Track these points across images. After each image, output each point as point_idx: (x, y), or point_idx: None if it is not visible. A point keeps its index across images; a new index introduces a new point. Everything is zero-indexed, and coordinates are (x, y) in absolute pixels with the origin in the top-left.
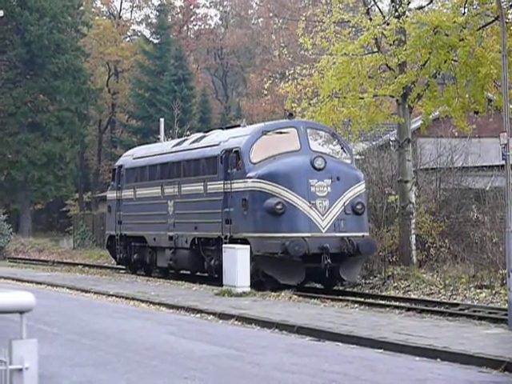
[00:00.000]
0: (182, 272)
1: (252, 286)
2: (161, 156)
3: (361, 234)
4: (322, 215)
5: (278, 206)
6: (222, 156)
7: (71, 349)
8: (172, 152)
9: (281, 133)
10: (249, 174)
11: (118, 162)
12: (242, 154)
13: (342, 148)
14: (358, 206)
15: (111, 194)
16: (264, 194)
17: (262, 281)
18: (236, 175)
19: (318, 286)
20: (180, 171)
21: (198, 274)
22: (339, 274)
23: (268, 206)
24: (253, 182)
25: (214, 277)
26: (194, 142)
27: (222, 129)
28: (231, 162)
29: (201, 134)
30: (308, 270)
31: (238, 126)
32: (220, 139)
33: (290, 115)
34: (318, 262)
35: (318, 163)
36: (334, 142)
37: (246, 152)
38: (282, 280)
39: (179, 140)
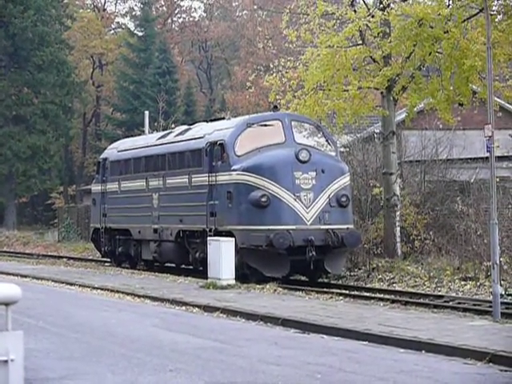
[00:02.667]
0: (166, 265)
1: (237, 278)
2: (145, 149)
3: (345, 227)
4: (307, 208)
5: (263, 199)
6: (206, 149)
7: (56, 341)
8: (157, 145)
9: (265, 125)
10: (233, 167)
11: (103, 155)
12: (227, 147)
13: (326, 140)
14: (343, 199)
15: (96, 187)
16: (249, 187)
17: (246, 273)
18: (221, 168)
19: (303, 278)
20: (165, 164)
21: (183, 266)
22: (324, 267)
23: (253, 199)
24: (237, 174)
25: (198, 269)
26: (178, 134)
27: (207, 121)
28: (216, 154)
29: (185, 127)
30: (293, 262)
31: (223, 118)
32: (205, 132)
33: (275, 108)
34: (303, 254)
35: (303, 156)
36: (319, 135)
37: (231, 144)
38: (266, 272)
39: (164, 133)
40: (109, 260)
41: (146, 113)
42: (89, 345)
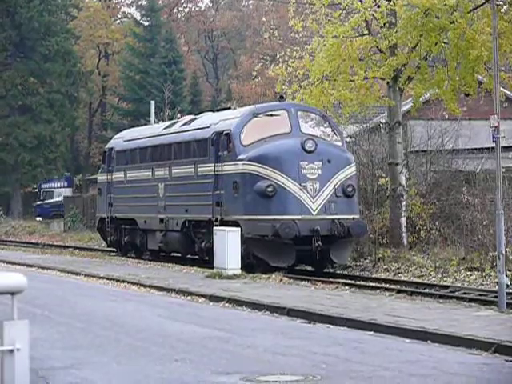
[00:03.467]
0: (172, 254)
1: (243, 268)
2: (151, 138)
3: (351, 217)
4: (313, 198)
5: (269, 189)
6: (212, 138)
7: (62, 331)
8: (163, 134)
9: (271, 115)
10: (239, 157)
11: (109, 145)
12: (233, 137)
13: (332, 130)
14: (349, 189)
15: (102, 177)
16: (255, 177)
17: (252, 263)
18: (227, 158)
19: (309, 268)
20: (171, 154)
21: (189, 256)
22: (330, 257)
23: (259, 189)
24: (243, 164)
25: (204, 259)
26: (184, 124)
27: (213, 111)
28: (222, 144)
29: (191, 117)
30: (299, 252)
31: (229, 108)
32: (211, 122)
33: (281, 97)
34: (309, 244)
35: (309, 146)
36: (325, 125)
37: (237, 134)
38: (272, 262)
39: (170, 122)
40: (115, 250)
41: (152, 102)
42: (94, 334)
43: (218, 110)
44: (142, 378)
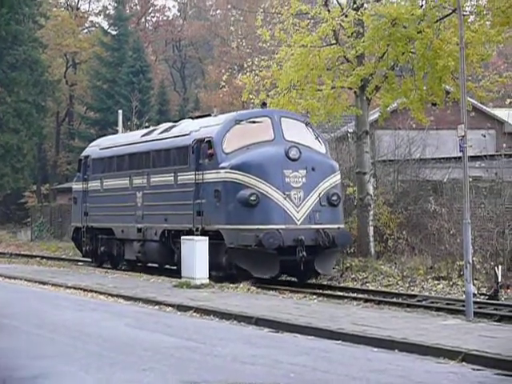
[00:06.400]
0: (150, 265)
1: (224, 279)
2: (129, 146)
3: (336, 226)
4: (297, 207)
5: (252, 198)
6: (193, 146)
7: (30, 341)
8: (141, 142)
9: (254, 122)
10: (221, 165)
11: (85, 153)
12: (215, 144)
13: (316, 138)
14: (334, 198)
15: (77, 186)
16: (237, 185)
17: (234, 274)
18: (208, 166)
19: (293, 279)
20: (149, 162)
21: (167, 267)
22: (314, 267)
23: (241, 198)
24: (226, 172)
25: None
26: (163, 131)
27: (192, 118)
28: (203, 152)
29: (170, 124)
30: (282, 262)
31: (209, 115)
32: (191, 129)
33: (264, 104)
34: (293, 254)
35: (293, 153)
36: (309, 132)
37: (219, 142)
38: (255, 273)
39: (148, 130)
40: (83, 259)
41: (120, 112)
42: (62, 344)
43: (197, 117)
44: None
